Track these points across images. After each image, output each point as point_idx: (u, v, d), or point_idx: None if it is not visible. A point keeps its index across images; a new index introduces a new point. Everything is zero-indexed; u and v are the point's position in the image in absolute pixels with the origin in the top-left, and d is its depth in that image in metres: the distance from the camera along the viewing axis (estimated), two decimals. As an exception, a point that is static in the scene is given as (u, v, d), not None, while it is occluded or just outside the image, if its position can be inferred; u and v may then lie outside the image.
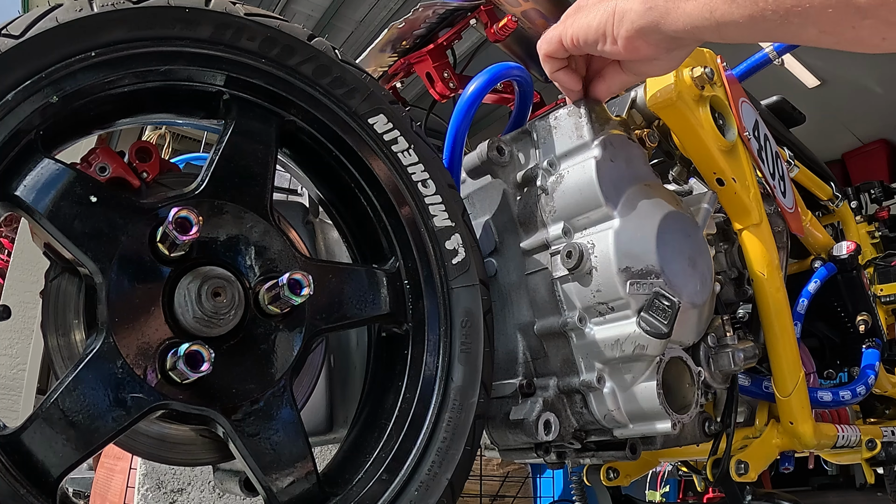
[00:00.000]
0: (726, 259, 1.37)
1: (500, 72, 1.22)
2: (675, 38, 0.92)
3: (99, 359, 0.79)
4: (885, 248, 2.30)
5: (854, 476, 6.22)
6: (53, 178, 0.81)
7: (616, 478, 1.67)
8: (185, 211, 0.81)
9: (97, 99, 0.84)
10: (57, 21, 0.80)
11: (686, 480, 3.80)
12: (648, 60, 1.00)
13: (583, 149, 1.13)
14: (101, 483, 2.92)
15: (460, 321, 1.01)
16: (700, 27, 0.85)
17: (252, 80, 0.93)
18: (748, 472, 1.32)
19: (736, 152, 1.32)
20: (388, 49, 1.78)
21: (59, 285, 0.94)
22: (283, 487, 0.88)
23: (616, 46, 0.97)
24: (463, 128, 1.20)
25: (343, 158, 1.01)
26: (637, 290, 1.06)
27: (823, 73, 6.66)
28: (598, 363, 1.10)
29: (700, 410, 1.17)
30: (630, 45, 0.95)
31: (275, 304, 0.89)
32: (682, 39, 0.92)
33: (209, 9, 0.90)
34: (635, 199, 1.11)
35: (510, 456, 1.22)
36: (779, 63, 1.82)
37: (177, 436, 1.00)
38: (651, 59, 0.99)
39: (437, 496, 0.93)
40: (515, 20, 1.68)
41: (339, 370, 1.21)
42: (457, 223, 1.05)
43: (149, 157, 0.94)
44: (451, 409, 0.98)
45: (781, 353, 1.33)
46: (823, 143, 6.88)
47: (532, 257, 1.15)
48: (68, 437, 0.77)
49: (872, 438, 1.54)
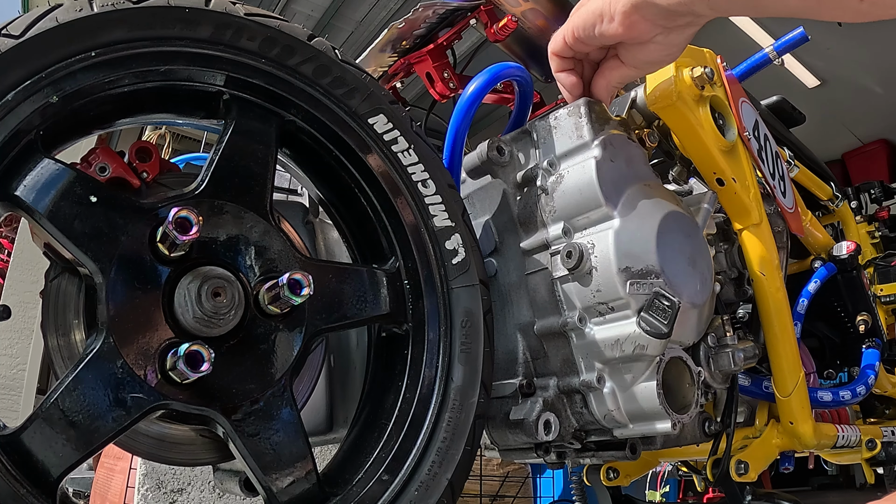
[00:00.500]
0: (726, 259, 1.37)
1: (500, 72, 1.22)
2: (670, 12, 0.97)
3: (99, 359, 0.79)
4: (885, 248, 2.30)
5: (854, 476, 6.22)
6: (53, 178, 0.81)
7: (616, 478, 1.67)
8: (185, 211, 0.81)
9: (97, 99, 0.84)
10: (57, 21, 0.80)
11: (686, 480, 3.81)
12: (646, 43, 1.04)
13: (583, 149, 1.13)
14: (101, 483, 2.92)
15: (460, 321, 1.01)
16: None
17: (252, 80, 0.93)
18: (748, 472, 1.32)
19: (736, 152, 1.32)
20: (388, 49, 1.78)
21: (59, 285, 0.94)
22: (283, 487, 0.88)
23: (613, 23, 1.01)
24: (463, 128, 1.20)
25: (343, 158, 1.01)
26: (637, 290, 1.06)
27: (823, 73, 6.66)
28: (598, 363, 1.10)
29: (700, 410, 1.17)
30: (627, 20, 1.00)
31: (275, 304, 0.89)
32: (676, 13, 0.97)
33: (209, 9, 0.90)
34: (635, 199, 1.11)
35: (510, 456, 1.22)
36: (779, 63, 1.81)
37: (177, 436, 1.00)
38: (649, 38, 1.03)
39: (437, 496, 0.93)
40: (515, 20, 1.68)
41: (339, 370, 1.21)
42: (457, 223, 1.05)
43: (149, 157, 0.94)
44: (451, 409, 0.98)
45: (781, 353, 1.33)
46: (823, 143, 6.88)
47: (532, 257, 1.15)
48: (68, 437, 0.77)
49: (872, 438, 1.54)
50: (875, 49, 6.15)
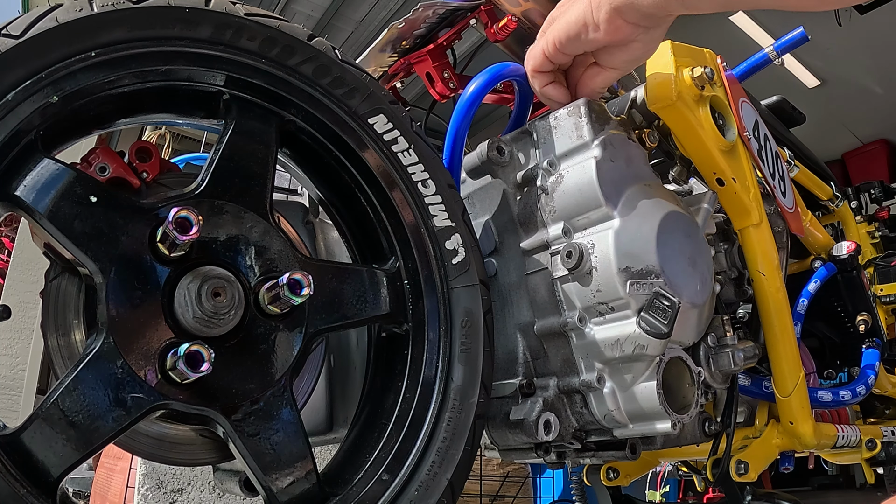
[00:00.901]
0: (726, 259, 1.37)
1: (500, 72, 1.22)
2: (649, 15, 1.02)
3: (99, 359, 0.79)
4: (885, 248, 2.30)
5: (854, 476, 6.22)
6: (53, 178, 0.81)
7: (616, 478, 1.67)
8: (184, 211, 0.81)
9: (97, 99, 0.84)
10: (57, 21, 0.80)
11: (686, 480, 3.81)
12: (627, 44, 1.08)
13: (583, 149, 1.13)
14: (101, 483, 2.92)
15: (460, 321, 1.01)
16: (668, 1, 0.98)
17: (252, 80, 0.93)
18: (748, 472, 1.32)
19: (736, 152, 1.32)
20: (388, 49, 1.78)
21: (59, 285, 0.94)
22: (283, 487, 0.88)
23: (598, 32, 1.05)
24: (463, 128, 1.20)
25: (343, 158, 1.01)
26: (637, 290, 1.06)
27: (823, 73, 6.67)
28: (598, 363, 1.10)
29: (700, 410, 1.17)
30: (611, 26, 1.03)
31: (275, 304, 0.89)
32: (655, 15, 1.02)
33: (209, 9, 0.90)
34: (635, 199, 1.11)
35: (510, 456, 1.21)
36: (779, 63, 1.81)
37: (177, 436, 1.00)
38: (630, 40, 1.06)
39: (437, 496, 0.93)
40: (515, 20, 1.68)
41: (339, 370, 1.21)
42: (457, 223, 1.05)
43: (149, 157, 0.94)
44: (451, 410, 0.98)
45: (781, 353, 1.33)
46: (823, 143, 6.89)
47: (532, 257, 1.15)
48: (68, 437, 0.77)
49: (872, 438, 1.54)
50: (875, 49, 6.16)
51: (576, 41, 1.08)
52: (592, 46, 1.10)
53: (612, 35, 1.05)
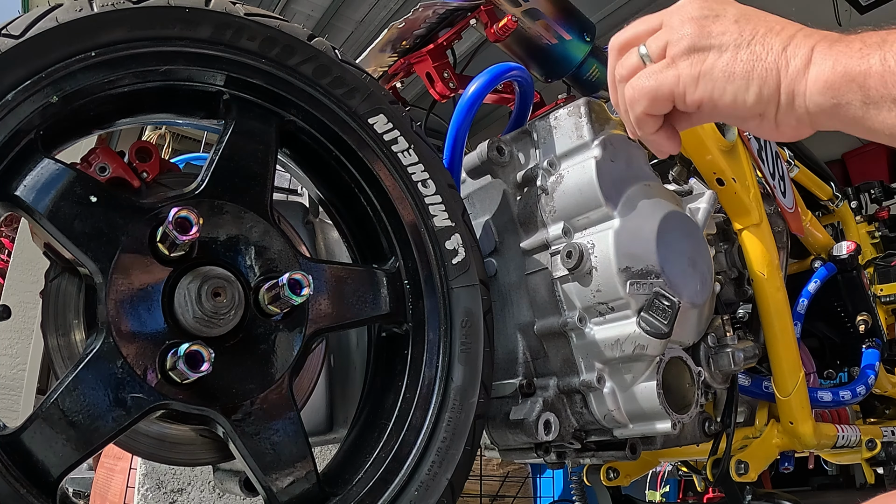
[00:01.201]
0: (726, 259, 1.37)
1: (500, 72, 1.22)
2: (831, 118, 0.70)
3: (99, 359, 0.79)
4: (885, 248, 2.30)
5: (854, 476, 6.21)
6: (53, 178, 0.81)
7: (616, 478, 1.67)
8: (185, 211, 0.81)
9: (97, 99, 0.84)
10: (57, 21, 0.80)
11: (686, 480, 3.80)
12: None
13: (583, 149, 1.13)
14: (101, 483, 2.92)
15: (460, 321, 1.01)
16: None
17: (252, 80, 0.93)
18: (748, 472, 1.32)
19: (736, 152, 1.32)
20: (388, 49, 1.78)
21: (59, 285, 0.94)
22: (283, 487, 0.88)
23: (776, 132, 0.74)
24: (463, 128, 1.20)
25: (343, 158, 1.01)
26: (637, 290, 1.06)
27: (823, 73, 6.65)
28: (598, 363, 1.10)
29: (700, 410, 1.17)
30: (796, 133, 0.74)
31: (275, 304, 0.89)
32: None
33: (209, 9, 0.90)
34: (635, 199, 1.11)
35: (510, 456, 1.21)
36: (779, 63, 1.81)
37: (177, 436, 1.00)
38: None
39: (437, 496, 0.93)
40: (515, 20, 1.68)
41: (339, 370, 1.21)
42: (457, 223, 1.04)
43: (149, 157, 0.94)
44: (451, 410, 0.98)
45: (781, 353, 1.33)
46: (823, 143, 6.88)
47: (532, 257, 1.15)
48: (68, 437, 0.77)
49: (872, 438, 1.54)
50: (875, 49, 6.14)
51: (729, 121, 0.78)
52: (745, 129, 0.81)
53: (787, 138, 0.76)
